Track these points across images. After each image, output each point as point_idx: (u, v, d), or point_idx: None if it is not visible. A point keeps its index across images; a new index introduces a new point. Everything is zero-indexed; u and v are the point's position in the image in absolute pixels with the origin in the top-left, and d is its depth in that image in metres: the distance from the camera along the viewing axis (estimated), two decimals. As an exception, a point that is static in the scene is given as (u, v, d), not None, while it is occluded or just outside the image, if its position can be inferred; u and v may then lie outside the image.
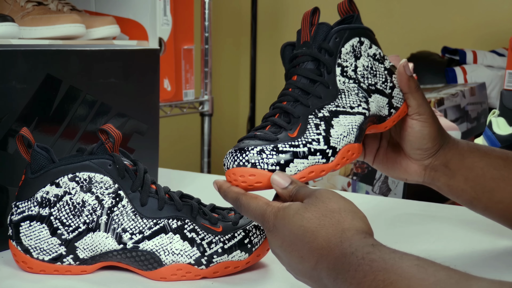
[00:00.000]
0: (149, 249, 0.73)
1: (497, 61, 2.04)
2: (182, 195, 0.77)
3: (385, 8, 2.45)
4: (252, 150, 0.68)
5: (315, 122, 0.70)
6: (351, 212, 0.61)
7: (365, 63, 0.75)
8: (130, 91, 0.99)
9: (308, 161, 0.69)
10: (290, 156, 0.68)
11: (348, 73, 0.73)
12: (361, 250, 0.56)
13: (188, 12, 1.73)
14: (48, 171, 0.73)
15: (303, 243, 0.60)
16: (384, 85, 0.75)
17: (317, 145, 0.69)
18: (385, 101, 0.75)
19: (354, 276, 0.55)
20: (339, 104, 0.72)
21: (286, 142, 0.68)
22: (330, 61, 0.72)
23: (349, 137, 0.71)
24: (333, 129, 0.70)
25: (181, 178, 1.26)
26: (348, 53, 0.73)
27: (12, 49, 0.83)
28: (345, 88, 0.72)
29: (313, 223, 0.60)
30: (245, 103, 2.61)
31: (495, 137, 1.28)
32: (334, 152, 0.70)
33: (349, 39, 0.73)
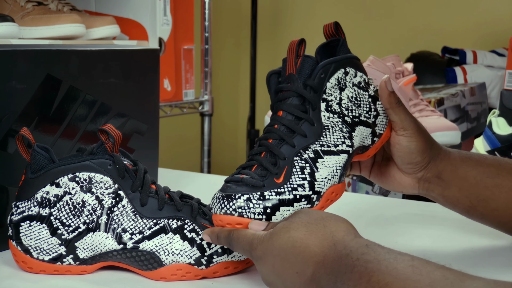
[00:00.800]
0: (149, 249, 0.73)
1: (497, 61, 2.04)
2: (182, 195, 0.77)
3: (385, 8, 2.45)
4: (239, 199, 0.68)
5: (300, 165, 0.70)
6: (332, 217, 0.63)
7: (349, 93, 0.75)
8: (130, 91, 0.99)
9: (293, 208, 0.69)
10: (276, 204, 0.68)
11: (333, 107, 0.73)
12: (356, 252, 0.56)
13: (188, 12, 1.73)
14: (48, 171, 0.73)
15: (295, 256, 0.60)
16: (368, 114, 0.76)
17: (302, 191, 0.69)
18: (368, 131, 0.75)
19: (350, 278, 0.55)
20: (324, 142, 0.72)
21: (272, 190, 0.69)
22: (315, 98, 0.72)
23: (333, 180, 0.71)
24: (317, 172, 0.70)
25: (181, 178, 1.26)
26: (333, 87, 0.73)
27: (12, 49, 0.83)
28: (329, 124, 0.73)
29: (301, 231, 0.61)
30: (245, 103, 2.61)
31: (495, 137, 1.28)
32: (319, 196, 0.70)
33: (335, 72, 0.73)
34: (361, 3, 2.48)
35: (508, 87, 1.53)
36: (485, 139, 1.30)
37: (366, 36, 2.43)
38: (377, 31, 2.44)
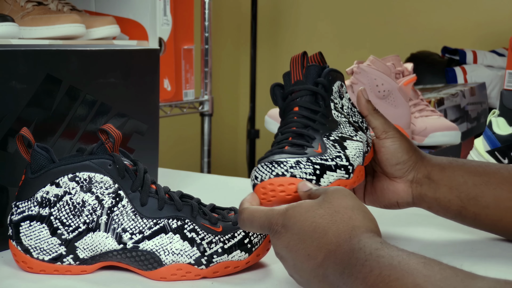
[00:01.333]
0: (149, 249, 0.73)
1: (497, 61, 2.04)
2: (182, 195, 0.77)
3: (385, 8, 2.45)
4: (289, 162, 0.71)
5: (331, 143, 0.74)
6: (362, 212, 0.62)
7: (346, 103, 0.80)
8: (130, 91, 0.99)
9: (337, 174, 0.73)
10: (323, 168, 0.72)
11: (338, 109, 0.78)
12: (369, 246, 0.57)
13: (188, 12, 1.73)
14: (48, 171, 0.73)
15: (312, 240, 0.61)
16: (362, 124, 0.81)
17: (341, 161, 0.73)
18: (365, 138, 0.80)
19: (361, 271, 0.55)
20: (341, 133, 0.76)
21: (316, 156, 0.72)
22: (326, 95, 0.77)
23: (359, 159, 0.76)
24: (347, 150, 0.75)
25: (181, 178, 1.26)
26: (336, 92, 0.79)
27: (12, 49, 0.83)
28: (339, 121, 0.78)
29: (325, 219, 0.61)
30: (245, 103, 2.61)
31: (495, 137, 1.28)
32: (353, 169, 0.74)
33: (335, 80, 0.79)
34: (361, 3, 2.48)
35: (508, 87, 1.53)
36: (485, 139, 1.30)
37: (366, 36, 2.43)
38: (377, 31, 2.44)
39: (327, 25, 2.53)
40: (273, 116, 1.71)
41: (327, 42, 2.51)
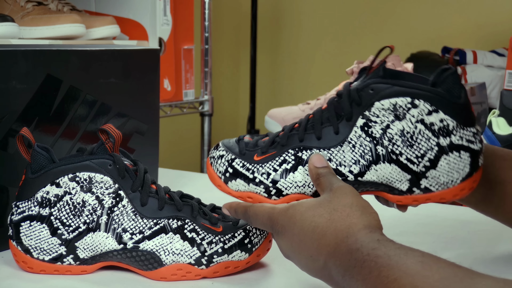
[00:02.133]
0: (149, 249, 0.73)
1: (497, 61, 2.04)
2: (182, 195, 0.77)
3: (385, 8, 2.45)
4: (216, 150, 0.74)
5: (285, 158, 0.71)
6: (361, 207, 0.62)
7: (406, 127, 0.67)
8: (130, 91, 0.99)
9: (249, 187, 0.71)
10: (236, 174, 0.72)
11: (372, 130, 0.68)
12: (367, 246, 0.57)
13: (188, 12, 1.73)
14: (48, 171, 0.73)
15: (312, 241, 0.61)
16: (416, 160, 0.67)
17: (264, 179, 0.71)
18: (403, 176, 0.68)
19: (360, 272, 0.55)
20: (328, 154, 0.70)
21: (244, 161, 0.72)
22: (355, 110, 0.69)
23: (303, 189, 0.70)
24: (293, 173, 0.70)
25: (181, 178, 1.26)
26: (384, 109, 0.67)
27: (12, 49, 0.83)
28: (356, 142, 0.69)
29: (324, 218, 0.61)
30: (245, 103, 2.61)
31: (495, 137, 1.28)
32: (279, 193, 0.71)
33: (392, 96, 0.67)
34: (361, 3, 2.48)
35: (508, 87, 1.53)
36: (485, 139, 1.30)
37: (366, 36, 2.43)
38: (377, 32, 2.44)
39: (327, 25, 2.53)
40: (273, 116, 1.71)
41: (327, 42, 2.51)
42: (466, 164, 0.67)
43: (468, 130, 0.67)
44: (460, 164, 0.67)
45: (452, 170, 0.67)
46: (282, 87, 2.64)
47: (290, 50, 2.60)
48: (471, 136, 0.67)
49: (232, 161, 0.73)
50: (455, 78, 0.66)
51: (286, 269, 0.77)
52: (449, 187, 0.68)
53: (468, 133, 0.67)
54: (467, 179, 0.68)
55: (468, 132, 0.67)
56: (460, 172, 0.68)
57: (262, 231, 0.76)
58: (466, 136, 0.67)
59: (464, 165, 0.67)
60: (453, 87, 0.66)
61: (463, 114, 0.67)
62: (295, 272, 0.77)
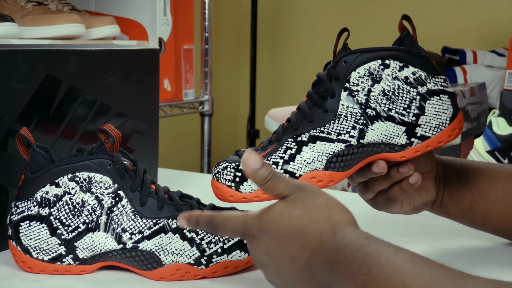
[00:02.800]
0: (149, 249, 0.73)
1: (497, 61, 2.04)
2: (181, 195, 0.78)
3: (385, 8, 2.45)
4: (221, 165, 0.74)
5: (287, 146, 0.73)
6: (338, 206, 0.60)
7: (386, 87, 0.73)
8: (130, 91, 0.99)
9: None
10: (244, 176, 0.72)
11: (357, 97, 0.73)
12: (356, 243, 0.55)
13: (188, 12, 1.73)
14: (47, 171, 0.73)
15: (293, 241, 0.59)
16: (404, 111, 0.73)
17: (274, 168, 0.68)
18: (399, 129, 0.73)
19: (349, 269, 0.54)
20: (326, 129, 0.73)
21: None
22: (335, 85, 0.74)
23: (313, 164, 0.72)
24: (299, 154, 0.72)
25: (181, 178, 1.26)
26: (361, 77, 0.73)
27: (12, 49, 0.83)
28: (346, 113, 0.73)
29: (303, 220, 0.59)
30: (245, 103, 2.61)
31: (495, 137, 1.28)
32: (293, 176, 0.72)
33: (364, 62, 0.73)
34: (361, 3, 2.49)
35: (508, 87, 1.53)
36: (485, 139, 1.30)
37: (366, 36, 2.43)
38: (377, 31, 2.44)
39: (327, 25, 2.53)
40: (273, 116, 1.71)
41: (327, 42, 2.51)
42: (449, 105, 0.74)
43: (438, 77, 0.74)
44: (443, 105, 0.74)
45: (439, 112, 0.74)
46: (282, 87, 2.64)
47: (290, 50, 2.60)
48: (443, 82, 0.74)
49: (238, 166, 0.73)
50: (409, 39, 0.74)
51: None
52: (442, 129, 0.74)
53: (439, 80, 0.74)
54: (454, 119, 0.75)
55: (439, 79, 0.74)
56: (446, 113, 0.74)
57: (261, 231, 0.76)
58: (439, 82, 0.74)
59: (447, 106, 0.74)
60: (411, 46, 0.74)
61: (428, 65, 0.74)
62: (295, 272, 0.77)
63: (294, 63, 2.60)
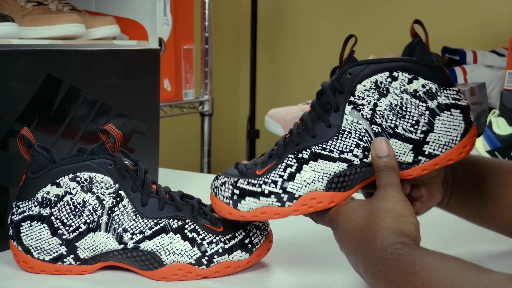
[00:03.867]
0: (150, 249, 0.73)
1: (497, 61, 2.04)
2: (182, 195, 0.77)
3: (385, 8, 2.45)
4: (220, 180, 0.73)
5: (288, 163, 0.70)
6: (396, 215, 0.63)
7: (393, 101, 0.69)
8: (130, 91, 0.99)
9: (260, 202, 0.70)
10: (243, 193, 0.70)
11: (362, 112, 0.69)
12: (391, 247, 0.59)
13: (188, 12, 1.73)
14: (48, 171, 0.73)
15: (351, 238, 0.65)
16: (412, 128, 0.68)
17: (273, 188, 0.70)
18: (405, 147, 0.69)
19: (382, 270, 0.58)
20: (328, 146, 0.69)
21: (248, 179, 0.71)
22: (339, 99, 0.70)
23: (314, 185, 0.69)
24: (299, 174, 0.69)
25: (182, 178, 1.26)
26: (367, 90, 0.69)
27: (12, 49, 0.83)
28: (350, 128, 0.69)
29: (363, 220, 0.64)
30: (245, 103, 2.61)
31: (495, 137, 1.28)
32: (292, 197, 0.70)
33: (371, 75, 0.69)
34: (361, 3, 2.48)
35: (508, 87, 1.53)
36: (485, 139, 1.30)
37: (366, 36, 2.43)
38: (377, 31, 2.44)
39: (327, 25, 2.53)
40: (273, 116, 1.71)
41: (327, 42, 2.51)
42: (460, 120, 0.69)
43: (450, 90, 0.69)
44: (454, 121, 0.69)
45: (449, 129, 0.69)
46: (282, 87, 2.64)
47: (290, 50, 2.60)
48: (455, 95, 0.69)
49: (236, 183, 0.71)
50: (421, 46, 0.69)
51: (286, 269, 0.77)
52: (452, 147, 0.69)
53: (451, 92, 0.69)
54: (465, 135, 0.70)
55: (451, 92, 0.69)
56: (457, 129, 0.69)
57: (262, 231, 0.76)
58: (451, 95, 0.69)
59: (458, 121, 0.69)
60: (422, 54, 0.69)
61: (440, 76, 0.69)
62: (295, 272, 0.77)
63: (294, 63, 2.60)
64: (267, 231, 0.77)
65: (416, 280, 0.54)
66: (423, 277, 0.54)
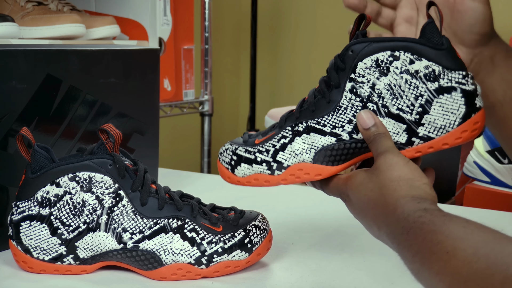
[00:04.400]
0: (149, 249, 0.73)
1: (497, 61, 2.04)
2: (182, 195, 0.78)
3: (385, 8, 2.45)
4: (224, 147, 0.76)
5: (283, 134, 0.73)
6: (409, 181, 0.63)
7: (393, 80, 0.68)
8: (130, 91, 0.99)
9: (252, 168, 0.72)
10: (239, 160, 0.73)
11: (360, 90, 0.69)
12: (413, 215, 0.59)
13: (188, 12, 1.73)
14: (48, 170, 0.73)
15: (368, 210, 0.65)
16: (407, 108, 0.68)
17: (265, 156, 0.72)
18: (399, 127, 0.69)
19: (407, 239, 0.58)
20: (323, 121, 0.71)
21: (246, 147, 0.74)
22: (341, 75, 0.70)
23: (301, 156, 0.71)
24: (290, 145, 0.72)
25: (181, 178, 1.27)
26: (368, 68, 0.69)
27: (12, 49, 0.83)
28: (347, 105, 0.70)
29: (375, 193, 0.64)
30: (245, 103, 2.61)
31: (495, 137, 1.28)
32: (281, 166, 0.72)
33: (372, 53, 0.69)
34: (361, 3, 2.48)
35: (508, 87, 1.53)
36: (485, 139, 1.30)
37: (366, 36, 2.43)
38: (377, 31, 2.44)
39: (327, 25, 2.53)
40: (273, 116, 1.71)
41: (327, 42, 2.52)
42: (461, 105, 0.68)
43: (456, 73, 0.68)
44: (453, 104, 0.68)
45: (447, 112, 0.68)
46: (282, 87, 2.64)
47: (290, 50, 2.60)
48: (460, 78, 0.68)
49: (236, 150, 0.74)
50: (432, 28, 0.68)
51: (286, 269, 0.77)
52: (449, 131, 0.69)
53: (456, 75, 0.68)
54: (466, 120, 0.68)
55: (456, 75, 0.68)
56: (456, 113, 0.68)
57: (261, 230, 0.76)
58: (455, 79, 0.68)
59: (458, 105, 0.68)
60: (432, 36, 0.68)
61: (448, 59, 0.68)
62: (296, 271, 0.77)
63: (294, 63, 2.60)
64: (266, 231, 0.77)
65: (440, 249, 0.54)
66: (447, 247, 0.54)
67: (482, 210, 1.08)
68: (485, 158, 1.29)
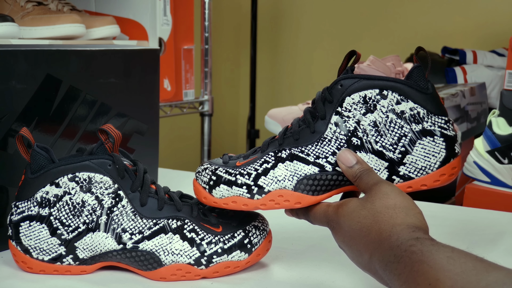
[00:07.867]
0: (149, 249, 0.73)
1: (497, 61, 2.04)
2: (181, 195, 0.78)
3: (385, 8, 2.45)
4: (203, 166, 0.75)
5: (265, 159, 0.73)
6: (405, 209, 0.64)
7: (378, 118, 0.70)
8: (130, 91, 0.99)
9: (232, 191, 0.72)
10: (219, 180, 0.72)
11: (345, 124, 0.71)
12: (406, 244, 0.59)
13: (188, 12, 1.73)
14: (48, 171, 0.73)
15: (360, 238, 0.64)
16: (391, 147, 0.70)
17: (246, 179, 0.72)
18: (381, 164, 0.71)
19: (397, 268, 0.59)
20: (307, 150, 0.72)
21: (227, 168, 0.73)
22: (328, 108, 0.72)
23: (283, 183, 0.71)
24: (273, 170, 0.72)
25: (181, 178, 1.26)
26: (355, 104, 0.71)
27: (12, 49, 0.83)
28: (331, 137, 0.71)
29: (369, 220, 0.64)
30: (245, 103, 2.61)
31: (495, 137, 1.28)
32: (261, 191, 0.72)
33: (361, 89, 0.71)
34: (361, 3, 2.48)
35: (508, 87, 1.53)
36: (485, 139, 1.30)
37: (366, 36, 2.43)
38: (377, 31, 2.44)
39: (327, 25, 2.53)
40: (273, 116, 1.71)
41: (327, 42, 2.51)
42: (442, 149, 0.70)
43: (439, 118, 0.70)
44: (435, 148, 0.70)
45: (428, 155, 0.70)
46: (282, 87, 2.64)
47: (290, 50, 2.60)
48: (443, 124, 0.70)
49: (215, 170, 0.73)
50: (419, 72, 0.70)
51: (286, 269, 0.77)
52: (428, 173, 0.71)
53: (439, 120, 0.70)
54: (445, 164, 0.71)
55: (439, 120, 0.70)
56: (437, 156, 0.70)
57: (261, 231, 0.76)
58: (438, 123, 0.70)
59: (439, 149, 0.70)
60: (419, 80, 0.70)
61: (432, 104, 0.70)
62: (295, 272, 0.77)
63: (294, 63, 2.60)
64: (266, 231, 0.77)
65: (423, 281, 0.55)
66: (429, 278, 0.55)
67: (482, 210, 1.08)
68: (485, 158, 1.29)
